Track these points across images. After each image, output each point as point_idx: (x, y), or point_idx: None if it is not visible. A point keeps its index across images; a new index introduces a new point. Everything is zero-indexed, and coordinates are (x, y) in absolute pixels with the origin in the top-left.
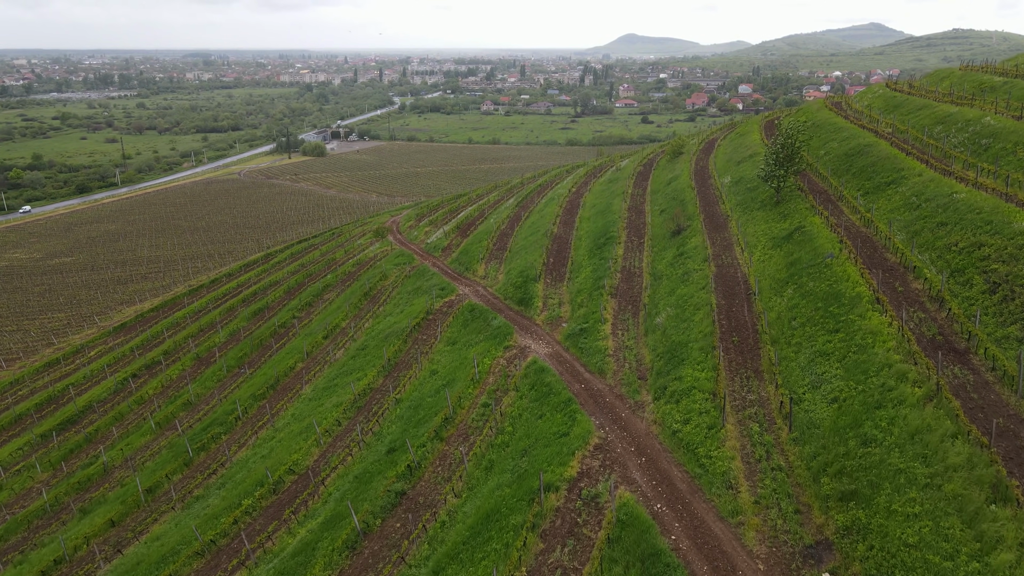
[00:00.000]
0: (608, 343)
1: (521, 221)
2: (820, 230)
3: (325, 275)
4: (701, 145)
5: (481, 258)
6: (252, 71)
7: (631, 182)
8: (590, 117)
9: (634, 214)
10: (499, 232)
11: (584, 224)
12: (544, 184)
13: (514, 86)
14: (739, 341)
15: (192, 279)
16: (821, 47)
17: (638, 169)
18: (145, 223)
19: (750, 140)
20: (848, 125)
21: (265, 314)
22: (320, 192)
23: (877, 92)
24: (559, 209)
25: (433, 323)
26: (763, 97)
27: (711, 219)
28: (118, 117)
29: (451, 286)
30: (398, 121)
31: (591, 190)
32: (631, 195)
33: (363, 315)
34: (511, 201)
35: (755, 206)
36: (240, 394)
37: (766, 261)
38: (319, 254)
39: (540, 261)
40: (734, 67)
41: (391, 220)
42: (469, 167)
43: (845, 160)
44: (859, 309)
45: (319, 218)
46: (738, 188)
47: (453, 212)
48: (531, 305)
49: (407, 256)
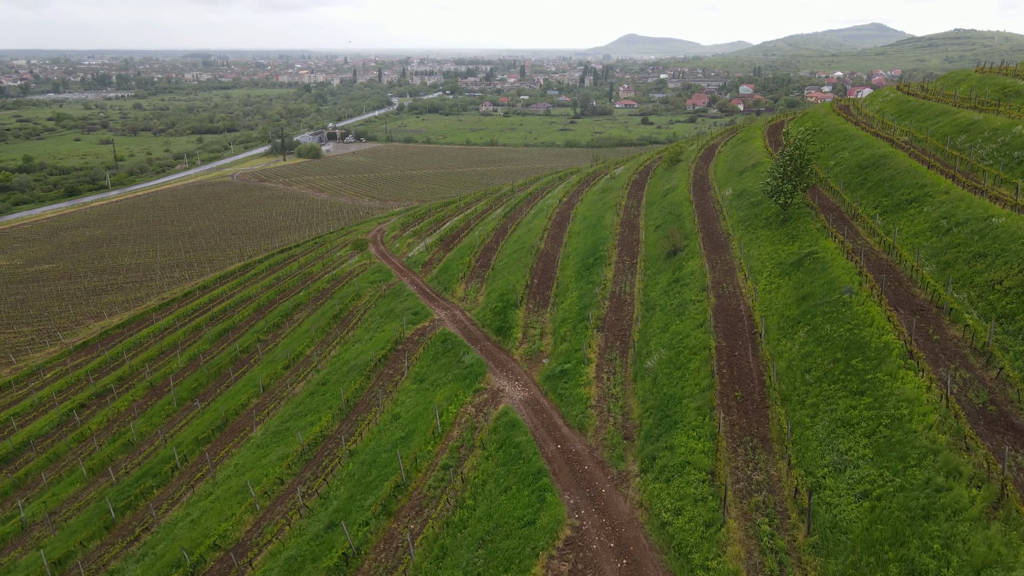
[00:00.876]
0: (591, 390)
1: (507, 235)
2: (835, 257)
3: (299, 291)
4: (700, 152)
5: (461, 277)
6: (251, 71)
7: (625, 192)
8: (589, 118)
9: (627, 229)
10: (483, 247)
11: (573, 240)
12: (535, 192)
13: (514, 87)
14: (743, 397)
15: (167, 291)
16: (822, 47)
17: (633, 178)
18: (131, 228)
19: (753, 147)
20: (860, 132)
21: (230, 336)
22: (312, 196)
23: (888, 96)
24: (547, 222)
25: (402, 355)
26: (764, 98)
27: (711, 238)
28: (114, 118)
29: (426, 310)
30: (396, 122)
31: (583, 200)
32: (625, 207)
33: (330, 341)
34: (499, 212)
35: (759, 224)
36: (185, 435)
37: (773, 292)
38: (297, 267)
39: (523, 282)
40: (735, 67)
41: (377, 228)
42: (465, 170)
43: (859, 173)
44: (888, 366)
45: (307, 224)
46: (740, 202)
47: (439, 222)
48: (510, 335)
49: (384, 272)
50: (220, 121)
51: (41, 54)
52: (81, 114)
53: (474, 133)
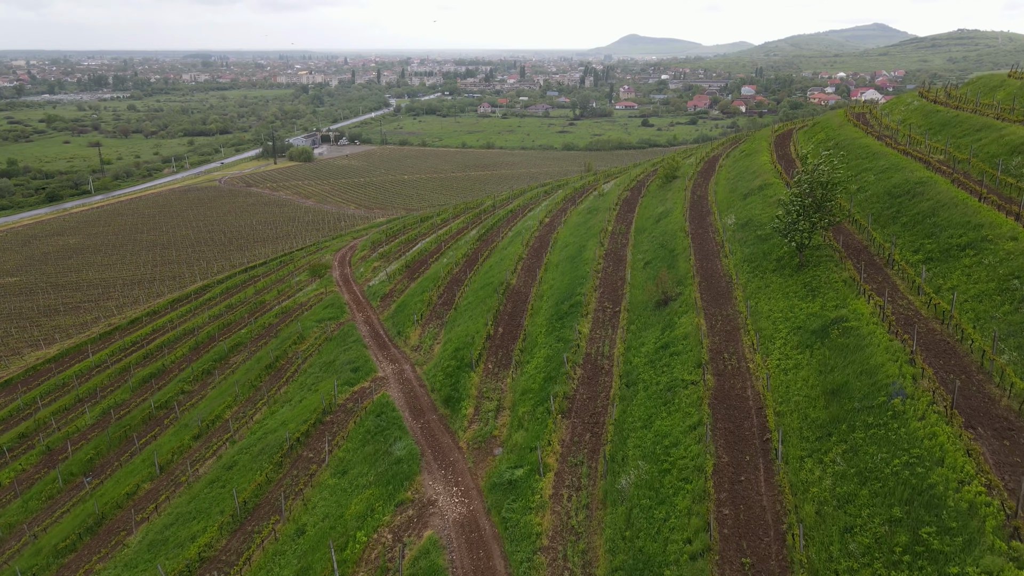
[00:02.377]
0: (545, 519)
1: (478, 263)
2: (872, 329)
3: (243, 326)
4: (699, 166)
5: (418, 319)
6: (250, 72)
7: (613, 214)
8: (589, 120)
9: (611, 264)
10: (449, 278)
11: (549, 274)
12: (516, 210)
13: (513, 87)
14: (753, 567)
15: (117, 315)
16: (824, 47)
17: (624, 195)
18: (106, 237)
19: (758, 162)
20: (885, 150)
21: (154, 383)
22: (297, 203)
23: (911, 104)
24: (523, 249)
25: (327, 432)
26: (766, 99)
27: (710, 283)
28: (106, 120)
29: (370, 364)
30: (392, 124)
31: (566, 222)
32: (611, 234)
33: (257, 400)
34: (473, 233)
35: (769, 266)
36: (45, 541)
37: (790, 372)
38: (253, 292)
39: (484, 332)
40: (737, 68)
41: (349, 246)
42: (459, 174)
43: (890, 202)
44: (980, 549)
45: (286, 234)
46: (745, 234)
47: (411, 242)
48: (459, 408)
49: (338, 307)
50: (213, 123)
51: (41, 55)
52: (74, 116)
53: (471, 135)
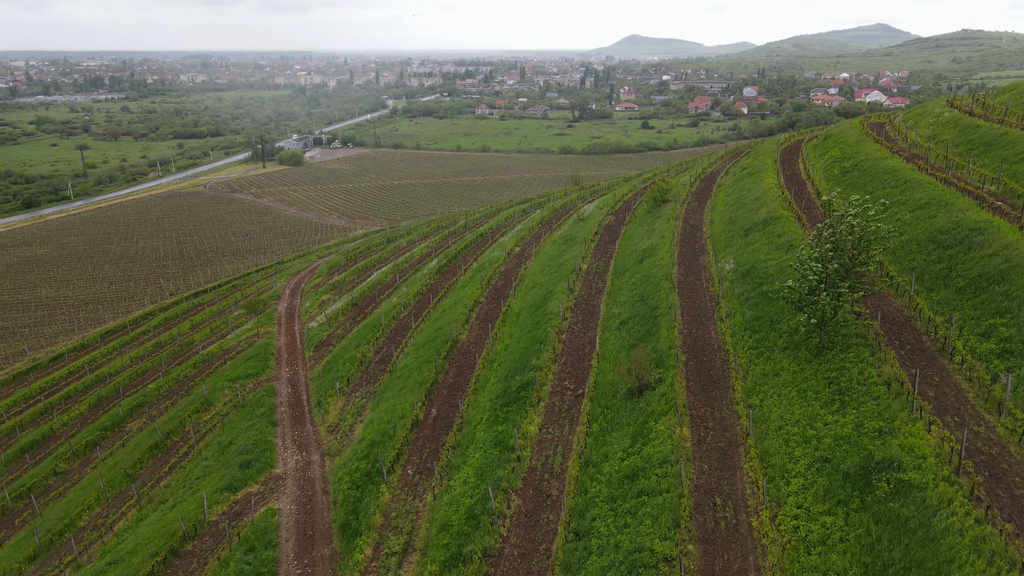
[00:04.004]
0: None
1: (430, 306)
2: (944, 491)
3: (159, 376)
4: (695, 185)
5: (344, 385)
6: (249, 73)
7: (591, 246)
8: (588, 122)
9: (581, 319)
10: (394, 325)
11: (507, 328)
12: (488, 233)
13: (512, 88)
14: None
15: (45, 348)
16: (827, 48)
17: (607, 220)
18: (76, 247)
19: (762, 185)
20: (918, 176)
21: (29, 458)
22: (278, 211)
23: (941, 116)
24: (482, 291)
25: (183, 569)
26: (769, 100)
27: (700, 363)
28: (98, 122)
29: (270, 454)
30: (388, 126)
31: (538, 253)
32: (585, 274)
33: (127, 498)
34: (434, 264)
35: (778, 340)
36: None
37: (816, 553)
38: (189, 326)
39: (412, 416)
40: (739, 68)
41: (309, 268)
42: (450, 180)
43: (936, 254)
44: None
45: (257, 248)
46: (747, 287)
47: (368, 269)
48: (354, 548)
49: (263, 359)
50: (205, 125)
51: (42, 55)
52: (65, 117)
53: (467, 138)
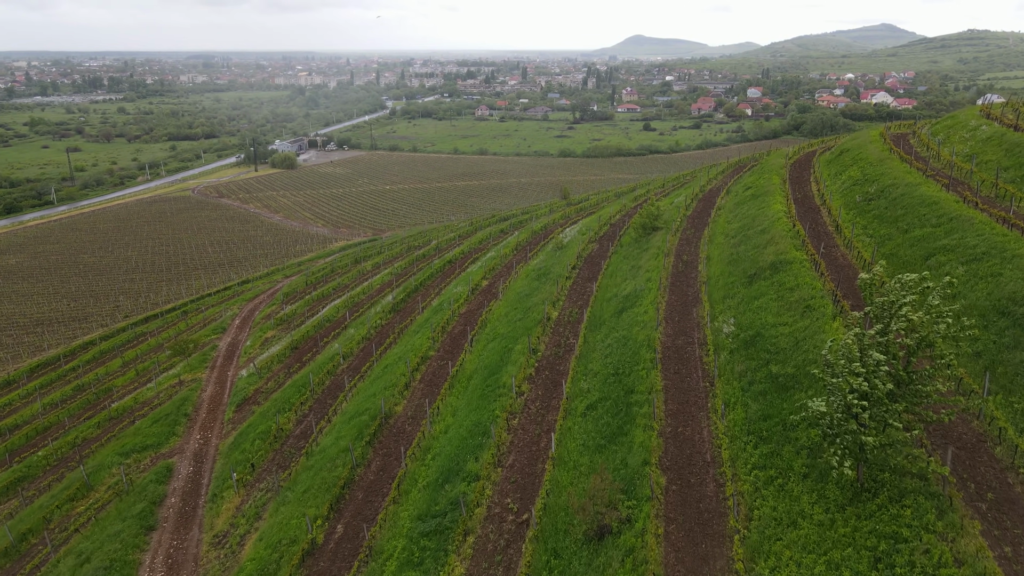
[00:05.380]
0: None
1: (372, 360)
2: None
3: (47, 443)
4: (691, 208)
5: (244, 475)
6: (250, 73)
7: (566, 284)
8: (589, 123)
9: (539, 394)
10: (329, 381)
11: (451, 400)
12: (457, 259)
13: (514, 89)
14: None
15: None
16: (832, 48)
17: (588, 250)
18: (49, 256)
19: (769, 212)
20: (965, 211)
21: None
22: (262, 218)
23: (978, 129)
24: (433, 342)
25: None
26: (773, 101)
27: (685, 498)
28: (92, 123)
29: None
30: (385, 128)
31: (506, 291)
32: (555, 324)
33: None
34: (390, 299)
35: (795, 463)
36: None
37: None
38: (119, 364)
39: (303, 544)
40: (743, 69)
41: (269, 292)
42: (445, 184)
43: (1012, 333)
44: None
45: (231, 261)
46: (751, 363)
47: (323, 300)
48: None
49: (173, 421)
50: (199, 127)
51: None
52: (59, 119)
53: (464, 140)
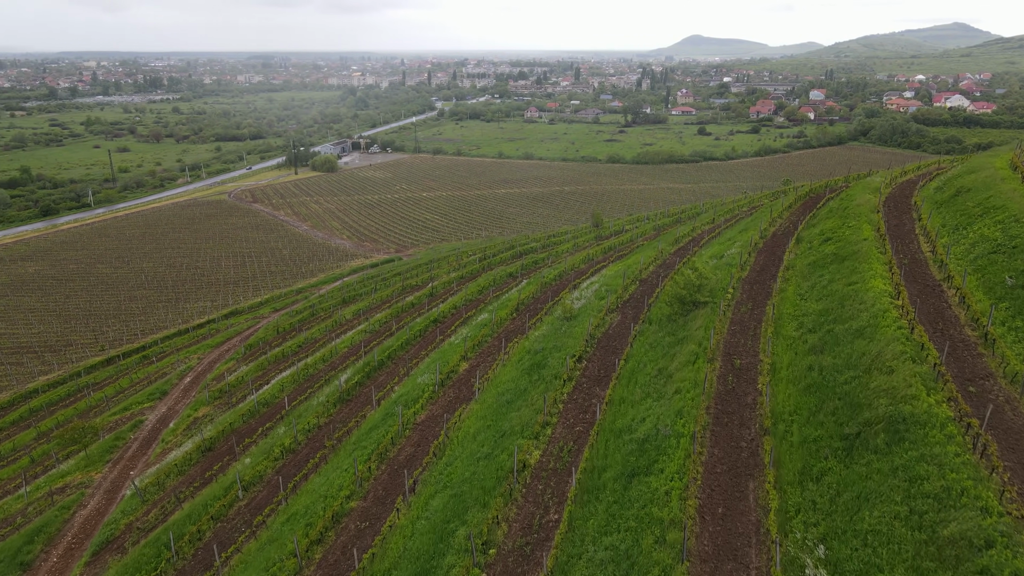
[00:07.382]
0: None
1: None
2: None
3: None
4: (748, 266)
5: None
6: (306, 74)
7: (564, 391)
8: (641, 127)
9: None
10: (211, 533)
11: None
12: (446, 316)
13: (566, 90)
14: None
15: None
16: (900, 48)
17: (606, 323)
18: (67, 265)
19: (866, 295)
20: None
21: None
22: (289, 226)
23: None
24: (360, 481)
25: None
26: (838, 104)
27: None
28: (146, 123)
29: None
30: (432, 129)
31: (482, 393)
32: (529, 480)
33: None
34: (342, 380)
35: None
36: None
37: None
38: (33, 436)
39: None
40: (805, 70)
41: (244, 334)
42: (485, 192)
43: None
44: None
45: (240, 279)
46: None
47: (277, 363)
48: None
49: (12, 563)
50: (247, 127)
51: (114, 56)
52: (116, 118)
53: (511, 144)
